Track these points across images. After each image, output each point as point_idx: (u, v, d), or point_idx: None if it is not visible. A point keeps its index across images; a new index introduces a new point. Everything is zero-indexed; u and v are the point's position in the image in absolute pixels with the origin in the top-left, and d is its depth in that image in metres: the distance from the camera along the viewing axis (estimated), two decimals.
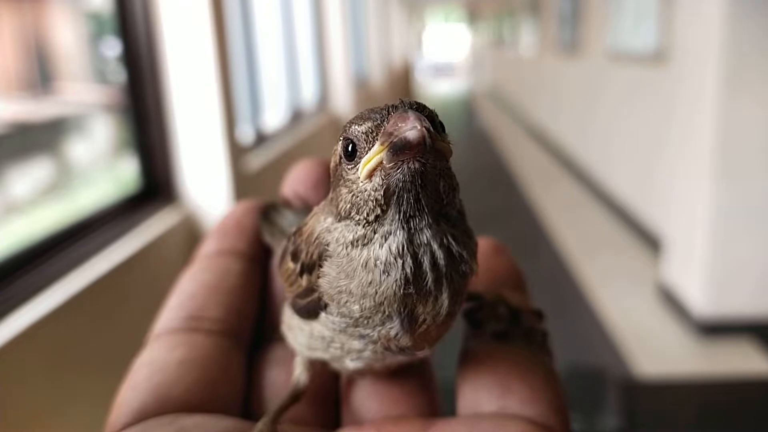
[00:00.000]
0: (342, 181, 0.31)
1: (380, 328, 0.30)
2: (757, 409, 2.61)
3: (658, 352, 3.18)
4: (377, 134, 0.29)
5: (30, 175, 2.09)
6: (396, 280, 0.29)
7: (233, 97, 2.64)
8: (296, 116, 4.93)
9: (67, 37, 2.41)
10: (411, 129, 0.27)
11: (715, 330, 3.22)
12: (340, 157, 0.31)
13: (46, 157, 2.26)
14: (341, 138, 0.31)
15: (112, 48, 2.42)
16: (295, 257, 0.34)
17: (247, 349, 0.39)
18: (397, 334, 0.30)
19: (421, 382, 0.37)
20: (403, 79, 16.00)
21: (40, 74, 2.23)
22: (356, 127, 0.30)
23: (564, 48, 7.47)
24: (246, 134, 3.45)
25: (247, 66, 3.74)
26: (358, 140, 0.30)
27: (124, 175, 2.43)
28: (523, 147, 9.15)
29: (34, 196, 2.06)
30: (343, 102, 6.29)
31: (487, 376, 0.33)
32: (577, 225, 5.26)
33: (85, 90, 2.46)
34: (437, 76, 24.49)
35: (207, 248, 0.42)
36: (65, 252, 1.83)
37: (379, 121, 0.29)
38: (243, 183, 2.66)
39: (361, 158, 0.30)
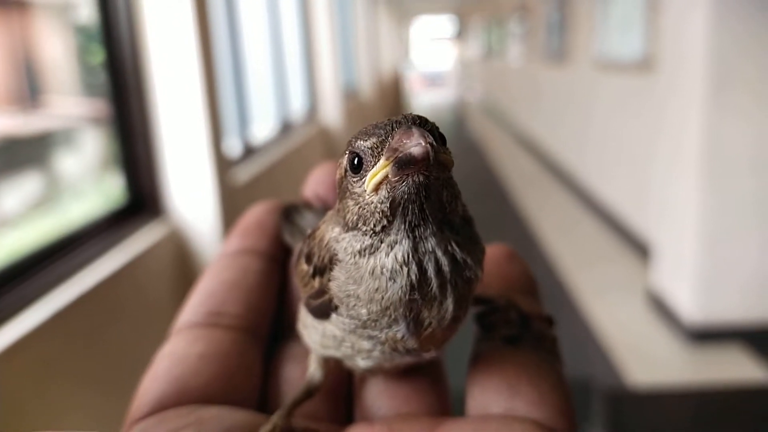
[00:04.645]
0: (348, 193, 0.32)
1: (387, 330, 0.32)
2: (748, 416, 2.61)
3: (649, 359, 3.18)
4: (382, 149, 0.30)
5: (19, 190, 2.08)
6: (401, 287, 0.30)
7: (219, 110, 2.64)
8: (285, 128, 4.93)
9: (55, 50, 2.41)
10: (416, 145, 0.28)
11: (705, 337, 3.23)
12: (346, 170, 0.32)
13: (35, 171, 2.25)
14: (347, 152, 0.32)
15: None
16: (308, 259, 0.35)
17: (264, 345, 0.40)
18: (403, 337, 0.32)
19: (432, 382, 0.38)
20: (393, 90, 16.04)
21: (29, 88, 2.23)
22: (361, 142, 0.31)
23: (552, 56, 7.51)
24: (234, 147, 3.45)
25: (234, 79, 3.73)
26: (364, 154, 0.31)
27: (113, 188, 2.42)
28: (513, 155, 9.18)
29: (23, 210, 2.06)
30: (333, 113, 6.29)
31: (496, 378, 0.34)
32: (566, 232, 5.27)
33: (74, 103, 2.46)
34: (427, 86, 24.56)
35: (228, 247, 0.43)
36: (51, 267, 1.82)
37: (383, 137, 0.30)
38: (230, 196, 2.65)
39: (366, 172, 0.31)
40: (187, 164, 2.47)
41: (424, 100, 19.63)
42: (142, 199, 2.41)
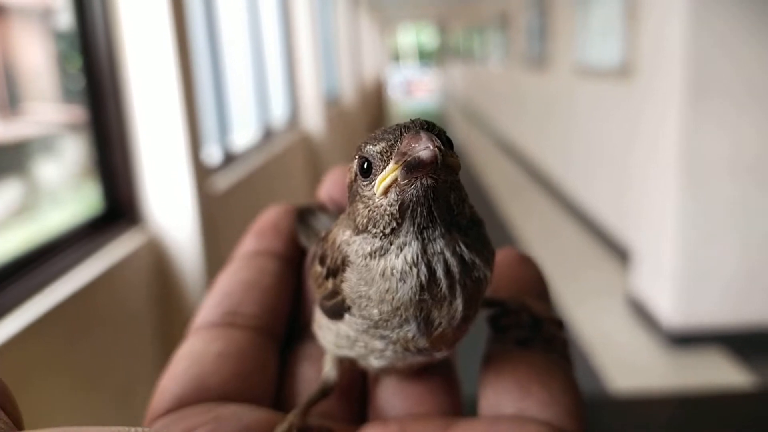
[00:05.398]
0: (358, 196, 0.32)
1: (399, 330, 0.32)
2: (728, 420, 2.63)
3: (629, 364, 3.20)
4: (391, 153, 0.30)
5: None
6: (411, 287, 0.31)
7: (198, 117, 2.62)
8: (266, 135, 4.91)
9: (35, 56, 2.39)
10: (424, 149, 0.28)
11: (685, 341, 3.26)
12: (356, 175, 0.33)
13: (14, 178, 2.24)
14: (356, 157, 0.32)
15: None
16: (322, 261, 0.36)
17: (280, 345, 0.41)
18: (414, 336, 0.32)
19: (445, 383, 0.38)
20: (375, 96, 16.08)
21: (8, 94, 2.22)
22: (371, 146, 0.32)
23: (532, 63, 7.56)
24: (213, 155, 3.43)
25: (214, 87, 3.72)
26: (373, 159, 0.31)
27: (92, 196, 2.41)
28: (495, 160, 9.23)
29: (1, 218, 2.04)
30: (315, 120, 6.29)
31: (508, 379, 0.35)
32: (548, 237, 5.31)
33: (54, 110, 2.44)
34: (409, 92, 24.65)
35: (244, 248, 0.44)
36: (26, 277, 1.80)
37: (392, 141, 0.31)
38: (209, 204, 2.64)
39: (376, 176, 0.31)
40: (165, 172, 2.45)
41: (406, 106, 19.68)
42: (120, 208, 2.39)
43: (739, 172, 3.12)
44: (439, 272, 0.31)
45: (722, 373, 3.05)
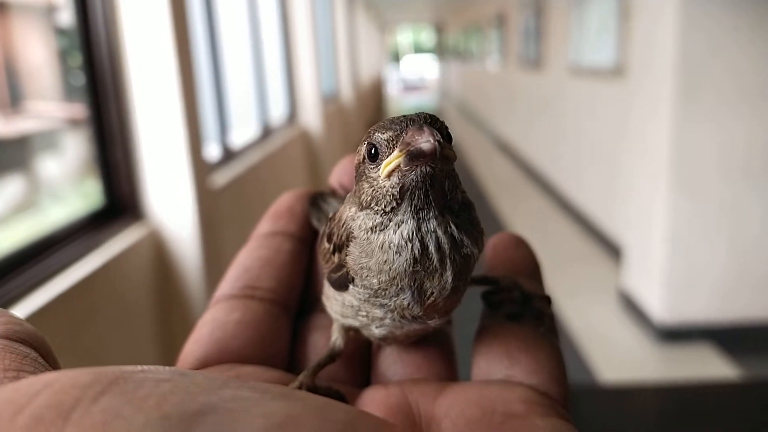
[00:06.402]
0: (364, 177, 0.36)
1: (395, 298, 0.36)
2: (715, 411, 2.66)
3: (620, 358, 3.24)
4: (397, 142, 0.34)
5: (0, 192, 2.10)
6: (406, 260, 0.34)
7: (198, 115, 2.65)
8: (265, 132, 4.95)
9: (37, 53, 2.42)
10: (425, 141, 0.32)
11: (675, 336, 3.30)
12: (364, 158, 0.36)
13: (16, 173, 2.27)
14: (365, 142, 0.36)
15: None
16: (329, 239, 0.39)
17: (293, 317, 0.45)
18: (409, 304, 0.35)
19: (442, 353, 0.41)
20: (374, 94, 16.07)
21: (11, 91, 2.24)
22: (379, 134, 0.35)
23: (528, 63, 7.60)
24: (213, 152, 3.46)
25: (214, 87, 3.75)
26: (380, 145, 0.35)
27: (94, 191, 2.43)
28: (490, 158, 9.26)
29: (3, 213, 2.07)
30: (313, 117, 6.32)
31: (498, 349, 0.38)
32: (540, 233, 5.33)
33: (56, 106, 2.47)
34: (407, 91, 24.66)
35: (261, 229, 0.48)
36: (28, 270, 1.83)
37: (398, 132, 0.34)
38: (208, 199, 2.67)
39: (382, 160, 0.35)
40: (165, 168, 2.47)
41: (405, 104, 19.68)
42: (120, 203, 2.42)
43: (728, 171, 3.16)
44: (431, 247, 0.34)
45: (711, 368, 3.09)
